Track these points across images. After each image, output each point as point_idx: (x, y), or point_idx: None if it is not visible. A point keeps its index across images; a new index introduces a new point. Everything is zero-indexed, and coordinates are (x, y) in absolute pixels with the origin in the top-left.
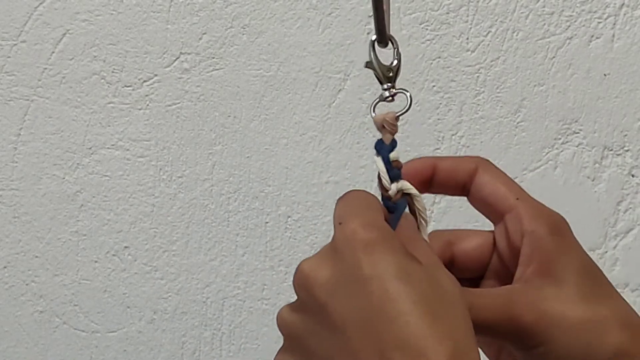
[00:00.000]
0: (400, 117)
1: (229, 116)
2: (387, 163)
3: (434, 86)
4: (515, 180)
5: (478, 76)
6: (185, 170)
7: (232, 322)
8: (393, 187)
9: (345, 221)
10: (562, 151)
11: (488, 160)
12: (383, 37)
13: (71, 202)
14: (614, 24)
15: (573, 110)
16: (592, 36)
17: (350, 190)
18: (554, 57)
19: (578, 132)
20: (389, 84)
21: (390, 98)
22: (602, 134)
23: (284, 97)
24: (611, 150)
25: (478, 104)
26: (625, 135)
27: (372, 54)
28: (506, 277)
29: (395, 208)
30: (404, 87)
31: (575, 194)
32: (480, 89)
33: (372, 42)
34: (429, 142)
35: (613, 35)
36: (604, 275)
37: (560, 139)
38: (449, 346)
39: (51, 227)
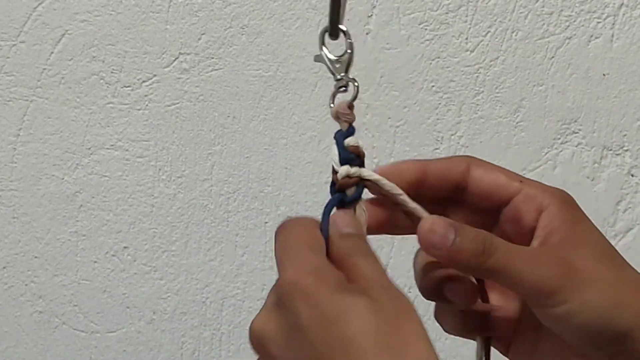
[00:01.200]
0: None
1: (228, 116)
2: (340, 147)
3: (433, 86)
4: None
5: (477, 76)
6: (185, 171)
7: (231, 322)
8: (341, 170)
9: (283, 269)
10: (561, 151)
11: (476, 157)
12: (335, 29)
13: (70, 202)
14: (613, 24)
15: (572, 110)
16: (592, 36)
17: (286, 222)
18: (553, 57)
19: (577, 132)
20: (342, 74)
21: (343, 88)
22: (602, 134)
23: (283, 97)
24: (610, 150)
25: (477, 104)
26: (625, 135)
27: (320, 46)
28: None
29: (341, 199)
30: (352, 77)
31: (575, 194)
32: (480, 89)
33: (322, 35)
34: (428, 142)
35: (612, 35)
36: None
37: (559, 138)
38: None
39: (50, 228)
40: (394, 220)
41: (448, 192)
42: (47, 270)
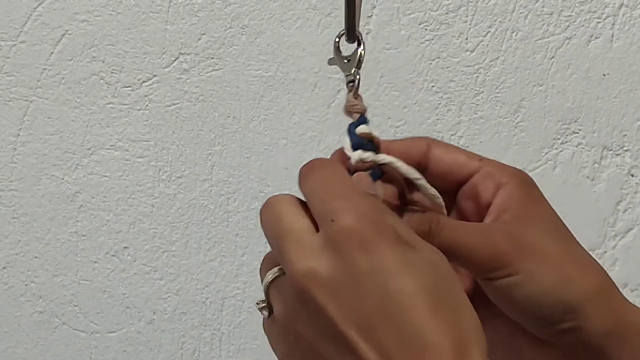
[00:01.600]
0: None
1: (228, 116)
2: (353, 135)
3: (433, 86)
4: None
5: (477, 76)
6: (185, 171)
7: (231, 323)
8: (354, 155)
9: (338, 215)
10: (561, 151)
11: (436, 139)
12: (352, 33)
13: (70, 202)
14: (613, 24)
15: (572, 110)
16: (592, 36)
17: (314, 163)
18: (553, 57)
19: (577, 132)
20: (355, 69)
21: (351, 83)
22: (602, 134)
23: (283, 97)
24: (610, 150)
25: (477, 104)
26: (625, 135)
27: (334, 51)
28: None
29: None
30: (357, 71)
31: (575, 194)
32: (480, 89)
33: (337, 40)
34: None
35: (612, 35)
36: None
37: (559, 139)
38: (453, 338)
39: (50, 228)
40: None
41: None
42: (47, 271)
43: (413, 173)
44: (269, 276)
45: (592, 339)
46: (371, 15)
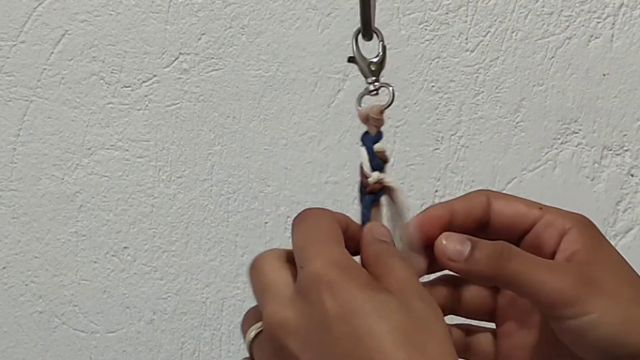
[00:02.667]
0: (386, 111)
1: (228, 116)
2: (371, 153)
3: (433, 86)
4: (515, 180)
5: (477, 76)
6: (185, 171)
7: (231, 323)
8: (374, 175)
9: (307, 262)
10: (561, 151)
11: (493, 190)
12: (368, 31)
13: (70, 202)
14: (613, 23)
15: (572, 110)
16: (591, 36)
17: (305, 213)
18: (553, 57)
19: (577, 132)
20: (374, 78)
21: (374, 92)
22: (602, 134)
23: (283, 97)
24: (610, 150)
25: (477, 104)
26: (625, 135)
27: (354, 47)
28: None
29: (373, 199)
30: (387, 82)
31: (575, 194)
32: (480, 89)
33: (356, 35)
34: (428, 142)
35: (612, 35)
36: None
37: (559, 138)
38: None
39: (50, 228)
40: None
41: (473, 230)
42: (47, 271)
43: (406, 210)
44: (252, 332)
45: None
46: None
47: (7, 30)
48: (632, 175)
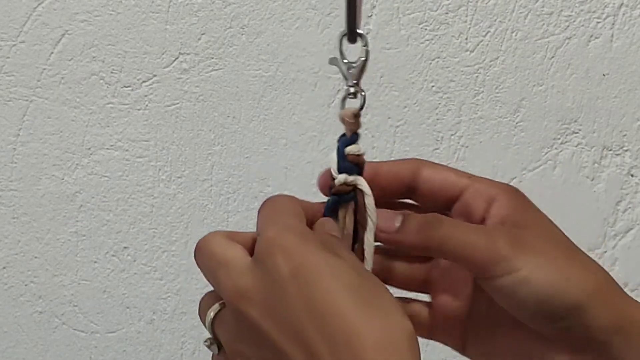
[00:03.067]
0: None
1: (228, 116)
2: (340, 155)
3: (433, 86)
4: (514, 180)
5: (477, 76)
6: (185, 171)
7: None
8: (340, 177)
9: (263, 231)
10: (561, 151)
11: (425, 160)
12: (353, 33)
13: (70, 202)
14: (613, 23)
15: (572, 110)
16: (591, 36)
17: (270, 197)
18: (553, 57)
19: (577, 132)
20: (354, 82)
21: (351, 95)
22: (601, 134)
23: (283, 97)
24: (610, 150)
25: (477, 104)
26: (625, 135)
27: (339, 50)
28: None
29: (336, 201)
30: (361, 87)
31: (575, 194)
32: (479, 89)
33: (340, 38)
34: (428, 142)
35: (612, 35)
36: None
37: (559, 138)
38: (380, 329)
39: (50, 228)
40: None
41: (399, 194)
42: (47, 271)
43: (372, 215)
44: (211, 313)
45: (596, 335)
46: (371, 15)
47: (7, 30)
48: (632, 175)
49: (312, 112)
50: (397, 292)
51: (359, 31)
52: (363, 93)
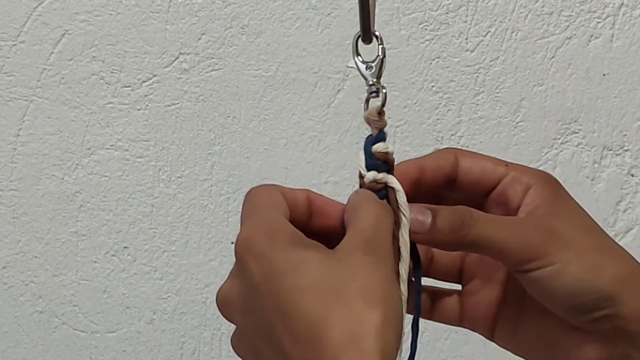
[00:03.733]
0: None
1: (228, 116)
2: (367, 153)
3: (433, 86)
4: None
5: (477, 76)
6: (185, 171)
7: (231, 323)
8: (368, 175)
9: (240, 231)
10: (561, 151)
11: (460, 148)
12: (367, 34)
13: (70, 202)
14: (613, 23)
15: (572, 110)
16: (592, 36)
17: (251, 189)
18: (553, 57)
19: (577, 132)
20: (374, 80)
21: (374, 94)
22: (602, 134)
23: (283, 97)
24: (610, 150)
25: (477, 104)
26: (625, 135)
27: (354, 51)
28: None
29: None
30: (382, 84)
31: (575, 194)
32: (480, 89)
33: (356, 39)
34: (428, 142)
35: (612, 35)
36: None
37: (559, 138)
38: (338, 323)
39: (50, 228)
40: None
41: (441, 187)
42: (47, 270)
43: (405, 212)
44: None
45: (627, 325)
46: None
47: (7, 30)
48: (632, 175)
49: (312, 112)
50: (429, 282)
51: (374, 31)
52: (384, 90)
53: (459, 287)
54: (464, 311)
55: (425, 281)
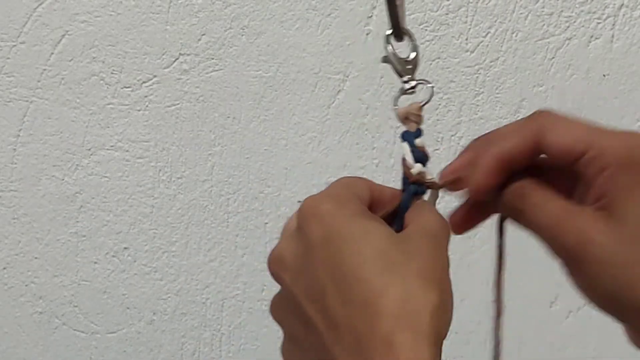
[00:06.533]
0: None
1: (229, 117)
2: (413, 146)
3: (433, 87)
4: None
5: (477, 77)
6: (185, 171)
7: (231, 323)
8: (417, 166)
9: (306, 199)
10: None
11: (546, 113)
12: (398, 31)
13: (70, 203)
14: (613, 24)
15: (572, 110)
16: (592, 37)
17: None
18: (553, 57)
19: None
20: (409, 76)
21: (411, 90)
22: None
23: (283, 98)
24: None
25: (477, 105)
26: None
27: (388, 48)
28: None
29: (416, 190)
30: (424, 78)
31: None
32: (480, 90)
33: (388, 36)
34: (428, 143)
35: (612, 36)
36: None
37: None
38: (396, 296)
39: (50, 228)
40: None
41: (526, 168)
42: (47, 271)
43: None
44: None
45: None
46: (371, 16)
47: (7, 30)
48: None
49: (312, 112)
50: None
51: (405, 28)
52: (430, 85)
53: None
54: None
55: None
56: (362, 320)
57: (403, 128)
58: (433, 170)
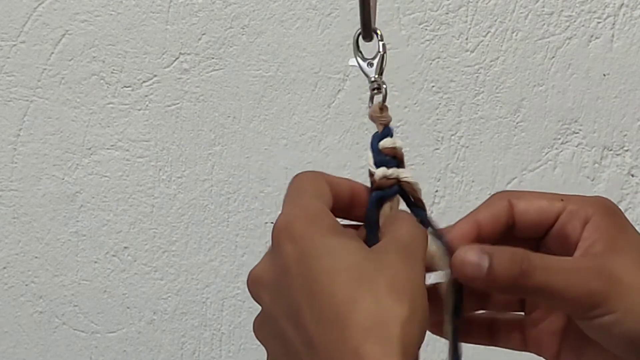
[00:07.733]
0: (389, 108)
1: (229, 116)
2: (374, 149)
3: (433, 86)
4: (515, 180)
5: (477, 76)
6: (185, 171)
7: (231, 323)
8: (378, 171)
9: (280, 214)
10: (561, 151)
11: (510, 191)
12: (368, 32)
13: (71, 202)
14: (614, 24)
15: (572, 110)
16: (592, 36)
17: (297, 174)
18: (553, 57)
19: (577, 132)
20: (375, 76)
21: (375, 90)
22: (602, 134)
23: (283, 97)
24: (611, 150)
25: (477, 104)
26: (625, 135)
27: (355, 49)
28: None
29: (381, 195)
30: (383, 80)
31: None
32: (480, 89)
33: (356, 37)
34: (429, 142)
35: (612, 36)
36: None
37: (559, 139)
38: (367, 310)
39: (51, 228)
40: None
41: (501, 236)
42: (48, 271)
43: (420, 201)
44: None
45: None
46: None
47: (7, 30)
48: (632, 176)
49: (312, 112)
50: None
51: (374, 28)
52: (384, 85)
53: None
54: (527, 339)
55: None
56: (333, 335)
57: (404, 127)
58: (433, 169)
